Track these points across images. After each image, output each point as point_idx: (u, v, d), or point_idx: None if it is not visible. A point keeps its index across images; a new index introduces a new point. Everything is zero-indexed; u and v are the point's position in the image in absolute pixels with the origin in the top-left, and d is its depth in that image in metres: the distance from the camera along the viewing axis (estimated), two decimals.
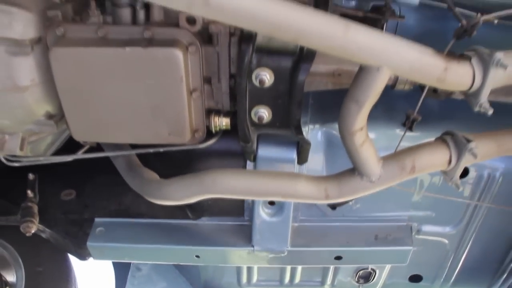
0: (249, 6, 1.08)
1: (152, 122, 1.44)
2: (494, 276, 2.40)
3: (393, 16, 1.46)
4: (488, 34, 1.58)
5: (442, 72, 1.20)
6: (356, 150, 1.38)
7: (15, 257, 2.30)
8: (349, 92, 1.30)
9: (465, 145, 1.38)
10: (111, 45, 1.31)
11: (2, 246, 2.30)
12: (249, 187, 1.47)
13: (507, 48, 1.32)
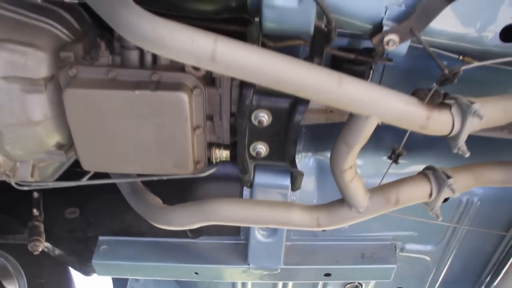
0: (251, 63, 1.21)
1: (158, 155, 1.57)
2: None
3: (382, 59, 1.60)
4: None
5: (425, 120, 1.35)
6: (345, 185, 1.53)
7: (17, 268, 2.42)
8: (340, 135, 1.45)
9: (445, 181, 1.54)
10: (121, 87, 1.44)
11: (5, 258, 2.41)
12: (247, 216, 1.62)
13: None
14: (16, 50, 1.47)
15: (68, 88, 1.43)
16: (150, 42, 1.19)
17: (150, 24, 1.18)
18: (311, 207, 1.65)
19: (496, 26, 1.45)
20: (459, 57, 1.66)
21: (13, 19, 1.50)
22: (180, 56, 1.22)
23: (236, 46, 1.21)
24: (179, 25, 1.20)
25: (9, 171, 1.65)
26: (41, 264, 2.38)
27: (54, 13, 1.57)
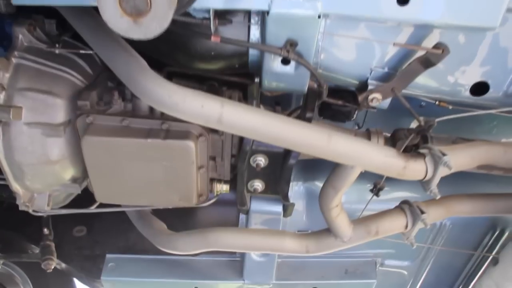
0: (252, 124, 1.44)
1: (165, 191, 1.79)
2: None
3: (368, 106, 1.83)
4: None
5: (402, 169, 1.59)
6: (332, 220, 1.78)
7: (25, 279, 2.63)
8: (328, 179, 1.70)
9: (419, 216, 1.81)
10: (134, 136, 1.65)
11: (13, 269, 2.62)
12: (245, 244, 1.87)
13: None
14: (37, 98, 1.67)
15: (86, 135, 1.63)
16: (166, 107, 1.40)
17: (166, 91, 1.39)
18: (301, 235, 1.90)
19: (467, 83, 1.70)
20: (436, 102, 1.91)
21: (33, 68, 1.68)
22: (192, 119, 1.43)
23: (239, 109, 1.43)
24: (191, 92, 1.41)
25: (28, 202, 1.86)
26: (48, 275, 2.58)
27: (69, 60, 1.76)
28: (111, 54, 1.48)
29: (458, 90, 1.73)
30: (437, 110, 1.92)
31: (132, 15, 1.01)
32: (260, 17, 1.45)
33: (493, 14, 1.37)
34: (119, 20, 1.02)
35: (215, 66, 1.63)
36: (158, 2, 1.00)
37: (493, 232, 2.37)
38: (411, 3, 1.31)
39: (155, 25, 1.04)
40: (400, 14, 1.33)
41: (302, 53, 1.44)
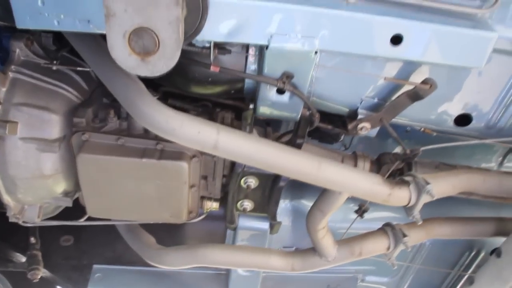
0: (246, 151, 1.51)
1: (156, 208, 1.84)
2: None
3: (356, 133, 1.91)
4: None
5: (387, 196, 1.68)
6: (318, 241, 1.86)
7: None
8: (316, 203, 1.78)
9: (401, 239, 1.90)
10: (129, 155, 1.70)
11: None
12: (233, 261, 1.94)
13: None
14: (33, 114, 1.71)
15: (82, 153, 1.68)
16: (163, 132, 1.45)
17: (163, 116, 1.44)
18: (287, 253, 1.98)
19: (452, 114, 1.80)
20: (421, 129, 2.00)
21: (30, 83, 1.72)
22: (188, 144, 1.49)
23: (235, 136, 1.49)
24: (188, 118, 1.46)
25: (18, 214, 1.89)
26: (31, 283, 2.58)
27: (65, 76, 1.79)
28: (110, 76, 1.53)
29: (443, 120, 1.83)
30: (422, 134, 2.04)
31: (141, 54, 1.07)
32: (258, 49, 1.52)
33: (479, 56, 1.47)
34: (128, 58, 1.08)
35: (211, 91, 1.70)
36: (166, 43, 1.05)
37: (469, 252, 2.49)
38: (404, 44, 1.40)
39: (162, 64, 1.10)
40: (392, 53, 1.42)
41: (297, 84, 1.52)
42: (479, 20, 1.47)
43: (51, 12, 1.28)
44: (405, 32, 1.37)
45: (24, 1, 1.26)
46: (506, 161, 2.19)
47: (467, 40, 1.42)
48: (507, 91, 1.71)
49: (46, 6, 1.27)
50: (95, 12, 1.27)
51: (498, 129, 1.83)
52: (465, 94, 1.72)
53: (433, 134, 1.97)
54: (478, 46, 1.44)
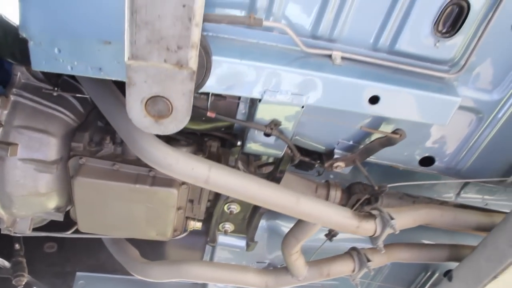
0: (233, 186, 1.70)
1: (144, 227, 2.01)
2: None
3: (331, 169, 2.11)
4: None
5: (355, 228, 1.91)
6: (291, 263, 2.08)
7: None
8: (292, 230, 1.99)
9: (365, 263, 2.14)
10: (123, 180, 1.85)
11: None
12: (213, 276, 2.14)
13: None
14: (33, 136, 1.84)
15: (79, 176, 1.82)
16: (161, 167, 1.62)
17: (161, 153, 1.61)
18: (262, 271, 2.19)
19: (417, 156, 2.04)
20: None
21: (30, 106, 1.84)
22: (183, 178, 1.67)
23: (224, 173, 1.68)
24: (183, 155, 1.63)
25: (11, 226, 2.02)
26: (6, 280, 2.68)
27: (64, 99, 1.92)
28: (113, 112, 1.68)
29: (409, 161, 2.07)
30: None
31: (155, 116, 1.23)
32: (249, 99, 1.70)
33: (444, 115, 1.70)
34: (143, 119, 1.24)
35: (204, 127, 1.87)
36: (178, 110, 1.22)
37: (425, 272, 2.79)
38: (380, 103, 1.61)
39: (173, 126, 1.26)
40: (370, 110, 1.63)
41: (283, 130, 1.71)
42: (447, 82, 1.71)
43: (66, 59, 1.42)
44: (382, 94, 1.59)
45: (42, 47, 1.39)
46: (462, 193, 2.46)
47: (435, 102, 1.65)
48: (466, 139, 1.96)
49: (62, 54, 1.41)
50: (107, 61, 1.42)
51: (456, 170, 2.09)
52: (430, 141, 1.96)
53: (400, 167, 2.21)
54: (444, 108, 1.67)
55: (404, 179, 2.27)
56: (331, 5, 1.50)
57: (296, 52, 1.56)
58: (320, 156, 2.11)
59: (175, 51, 1.09)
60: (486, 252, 2.03)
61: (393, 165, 2.13)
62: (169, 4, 1.02)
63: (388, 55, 1.63)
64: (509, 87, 1.78)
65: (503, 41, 1.66)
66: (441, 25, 1.59)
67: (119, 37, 1.37)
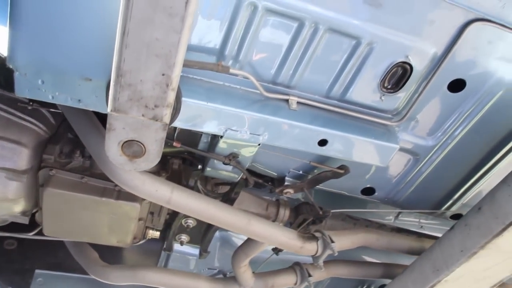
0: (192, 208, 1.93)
1: (106, 234, 2.22)
2: None
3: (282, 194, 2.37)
4: None
5: (299, 248, 2.19)
6: (240, 274, 2.35)
7: None
8: (242, 246, 2.26)
9: (306, 277, 2.43)
10: (90, 192, 2.05)
11: None
12: (167, 282, 2.38)
13: None
14: (6, 146, 2.00)
15: (49, 187, 2.01)
16: (127, 187, 1.84)
17: (129, 175, 1.82)
18: (212, 279, 2.45)
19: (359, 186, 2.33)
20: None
21: (4, 117, 2.00)
22: (147, 198, 1.89)
23: (185, 195, 1.91)
24: (149, 177, 1.85)
25: None
26: None
27: (36, 111, 2.08)
28: (86, 133, 1.87)
29: (353, 190, 2.36)
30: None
31: (129, 156, 1.45)
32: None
33: (384, 158, 1.99)
34: (119, 157, 1.45)
35: (169, 150, 2.09)
36: (151, 152, 1.44)
37: (362, 285, 3.13)
38: (328, 145, 1.87)
39: (144, 165, 1.48)
40: (318, 151, 1.89)
41: (241, 160, 1.96)
42: (389, 129, 2.00)
43: (48, 89, 1.60)
44: (330, 138, 1.85)
45: (26, 78, 1.56)
46: (400, 216, 2.79)
47: (376, 147, 1.93)
48: (403, 175, 2.27)
49: (45, 85, 1.59)
50: (86, 95, 1.61)
51: (394, 200, 2.40)
52: (371, 175, 2.26)
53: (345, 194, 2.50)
54: (384, 152, 1.96)
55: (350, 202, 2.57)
56: (292, 57, 1.74)
57: (257, 95, 1.79)
58: (272, 180, 2.38)
59: (152, 109, 1.31)
60: (413, 275, 2.36)
61: (339, 192, 2.42)
62: (151, 72, 1.24)
63: (339, 102, 1.90)
64: (443, 136, 2.10)
65: (440, 98, 1.96)
66: (387, 82, 1.87)
67: (99, 76, 1.58)
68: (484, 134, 2.10)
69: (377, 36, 1.70)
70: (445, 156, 2.18)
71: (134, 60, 1.20)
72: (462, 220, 2.10)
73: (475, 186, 2.28)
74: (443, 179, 2.30)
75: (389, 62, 1.78)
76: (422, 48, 1.76)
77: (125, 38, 1.16)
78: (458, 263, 2.08)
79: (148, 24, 1.13)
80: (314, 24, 1.64)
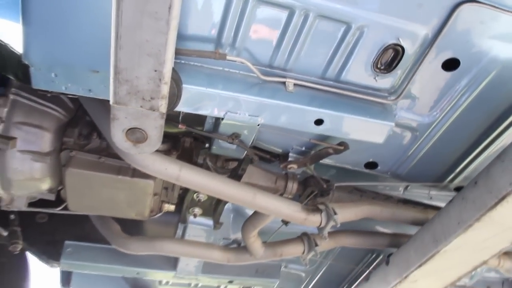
0: (199, 183, 2.12)
1: (125, 208, 2.43)
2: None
3: (286, 169, 2.51)
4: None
5: (303, 220, 2.35)
6: (249, 244, 2.55)
7: None
8: (250, 218, 2.43)
9: (313, 246, 2.60)
10: (108, 171, 2.26)
11: None
12: (183, 251, 2.60)
13: None
14: (29, 131, 2.22)
15: (70, 167, 2.22)
16: (139, 166, 2.03)
17: (140, 156, 2.01)
18: (225, 249, 2.65)
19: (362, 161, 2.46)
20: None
21: (27, 104, 2.21)
22: (157, 176, 2.08)
23: (192, 173, 2.09)
24: (159, 157, 2.03)
25: (9, 204, 2.43)
26: (2, 246, 3.12)
27: (56, 97, 2.28)
28: (100, 118, 2.06)
29: (356, 164, 2.49)
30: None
31: (133, 141, 1.63)
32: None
33: (380, 135, 2.11)
34: (124, 143, 1.63)
35: (177, 131, 2.27)
36: (152, 138, 1.61)
37: (371, 254, 3.28)
38: (324, 125, 2.00)
39: (148, 148, 1.66)
40: (315, 130, 2.02)
41: (244, 139, 2.11)
42: (386, 107, 2.10)
43: (61, 82, 1.79)
44: (325, 118, 1.98)
45: (41, 72, 1.75)
46: (409, 188, 2.89)
47: (371, 125, 2.05)
48: (404, 150, 2.37)
49: (58, 77, 1.77)
50: (95, 85, 1.80)
51: (397, 174, 2.52)
52: (372, 150, 2.38)
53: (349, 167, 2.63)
54: (379, 130, 2.08)
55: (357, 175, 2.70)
56: (286, 41, 1.86)
57: (255, 78, 1.93)
58: (278, 156, 2.53)
59: (149, 101, 1.47)
60: (415, 244, 2.50)
61: (343, 166, 2.55)
62: (144, 69, 1.39)
63: (335, 83, 2.01)
64: (440, 113, 2.20)
65: (435, 77, 2.05)
66: (380, 63, 1.97)
67: (105, 67, 1.75)
68: (481, 111, 2.19)
69: (366, 19, 1.80)
70: (444, 132, 2.28)
71: (128, 59, 1.36)
72: (460, 194, 2.22)
73: (476, 160, 2.37)
74: (444, 153, 2.40)
75: (380, 45, 1.88)
76: (412, 30, 1.85)
77: (119, 40, 1.31)
78: (456, 234, 2.21)
79: (137, 28, 1.29)
80: (304, 11, 1.75)
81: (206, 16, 1.76)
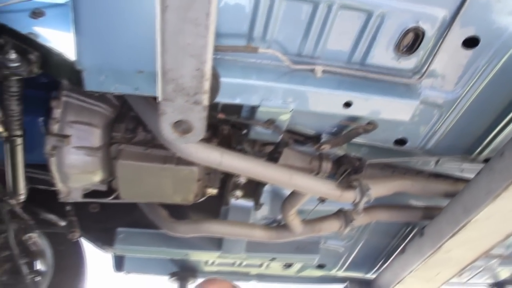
0: (240, 167, 2.32)
1: (171, 195, 2.66)
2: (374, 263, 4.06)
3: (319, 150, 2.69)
4: None
5: (338, 197, 2.53)
6: (289, 222, 2.74)
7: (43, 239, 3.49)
8: (288, 198, 2.63)
9: (349, 222, 2.78)
10: (154, 161, 2.49)
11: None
12: (228, 231, 2.83)
13: None
14: (81, 129, 2.47)
15: (120, 160, 2.46)
16: (184, 154, 2.24)
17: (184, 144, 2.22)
18: (267, 228, 2.87)
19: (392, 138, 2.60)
20: None
21: (77, 104, 2.45)
22: (201, 163, 2.29)
23: (232, 158, 2.29)
24: (201, 145, 2.24)
25: (67, 196, 2.70)
26: (60, 235, 3.41)
27: (102, 96, 2.51)
28: (145, 112, 2.28)
29: (386, 141, 2.64)
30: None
31: (180, 133, 1.83)
32: None
33: (406, 114, 2.27)
34: (171, 135, 1.84)
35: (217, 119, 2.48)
36: (197, 128, 1.81)
37: (406, 227, 3.43)
38: (353, 107, 2.17)
39: (193, 138, 1.86)
40: (345, 112, 2.20)
41: (278, 124, 2.30)
42: (410, 87, 2.24)
43: (111, 83, 2.00)
44: (354, 100, 2.14)
45: (92, 75, 1.97)
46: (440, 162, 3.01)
47: (397, 104, 2.20)
48: (431, 126, 2.51)
49: (107, 79, 1.99)
50: (141, 84, 2.01)
51: (426, 149, 2.66)
52: (401, 128, 2.52)
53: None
54: (405, 109, 2.23)
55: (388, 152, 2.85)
56: (313, 32, 2.03)
57: (285, 68, 2.10)
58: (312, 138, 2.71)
59: (192, 96, 1.67)
60: (447, 216, 2.65)
61: (374, 144, 2.70)
62: (188, 68, 1.59)
63: (360, 66, 2.17)
64: (463, 89, 2.32)
65: (456, 55, 2.19)
66: (402, 46, 2.11)
67: (149, 67, 1.96)
68: (504, 84, 2.30)
69: (386, 6, 1.95)
70: (469, 107, 2.40)
71: (173, 61, 1.56)
72: (487, 165, 2.36)
73: (502, 132, 2.48)
74: (470, 127, 2.52)
75: (401, 29, 2.03)
76: (431, 13, 1.99)
77: (164, 45, 1.51)
78: (485, 204, 2.35)
79: (180, 33, 1.48)
80: (328, 3, 1.92)
81: (238, 14, 1.95)
